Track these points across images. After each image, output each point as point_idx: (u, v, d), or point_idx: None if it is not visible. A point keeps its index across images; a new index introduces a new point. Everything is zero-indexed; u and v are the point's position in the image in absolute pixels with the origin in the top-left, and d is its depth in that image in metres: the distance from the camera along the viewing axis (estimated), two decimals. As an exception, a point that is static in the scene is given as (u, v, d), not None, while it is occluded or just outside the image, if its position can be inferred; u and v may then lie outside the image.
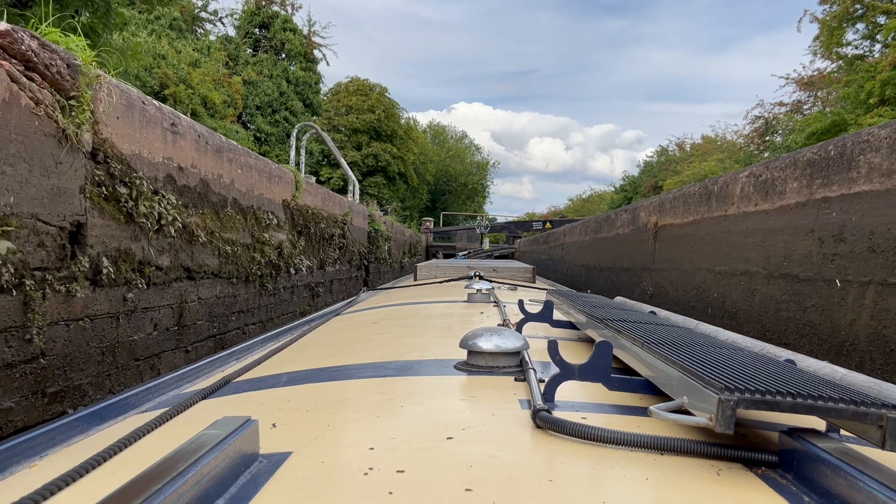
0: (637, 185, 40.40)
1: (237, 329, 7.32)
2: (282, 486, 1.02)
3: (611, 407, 1.56)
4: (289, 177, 9.24)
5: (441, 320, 3.42)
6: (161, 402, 2.12)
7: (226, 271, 6.70)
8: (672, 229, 8.47)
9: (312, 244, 10.74)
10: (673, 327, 2.28)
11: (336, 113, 37.30)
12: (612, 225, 11.94)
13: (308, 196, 10.23)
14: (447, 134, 58.99)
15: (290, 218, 9.14)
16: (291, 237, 9.27)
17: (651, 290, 9.21)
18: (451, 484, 1.01)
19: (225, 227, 6.54)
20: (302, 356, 2.57)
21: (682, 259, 8.01)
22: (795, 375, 1.33)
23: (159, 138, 5.21)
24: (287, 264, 8.94)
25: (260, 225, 7.71)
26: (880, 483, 0.91)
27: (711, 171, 25.20)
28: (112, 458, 1.10)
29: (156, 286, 5.23)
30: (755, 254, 6.05)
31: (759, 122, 27.73)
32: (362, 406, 1.65)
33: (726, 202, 6.84)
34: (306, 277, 10.39)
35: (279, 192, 8.69)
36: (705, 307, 7.25)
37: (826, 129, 16.96)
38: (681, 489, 1.04)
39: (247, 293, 7.53)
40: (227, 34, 31.33)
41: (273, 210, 8.33)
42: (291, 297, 9.65)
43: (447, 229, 39.90)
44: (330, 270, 12.26)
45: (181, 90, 20.91)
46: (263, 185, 8.00)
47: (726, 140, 33.78)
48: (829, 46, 20.51)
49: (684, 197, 8.21)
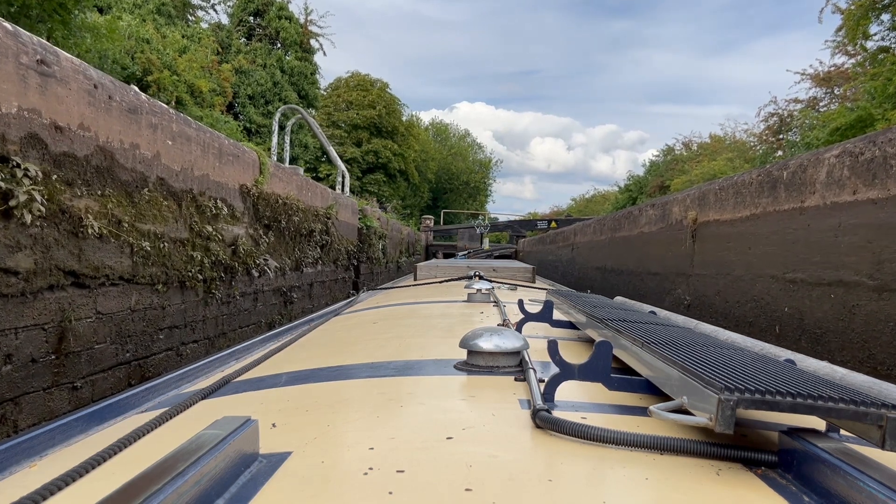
0: (642, 185, 40.04)
1: (168, 350, 5.71)
2: (282, 486, 1.02)
3: (611, 407, 1.56)
4: (249, 157, 7.62)
5: (441, 320, 3.41)
6: (161, 402, 2.10)
7: (146, 275, 5.09)
8: (718, 226, 7.04)
9: (285, 241, 9.15)
10: (673, 327, 2.29)
11: (336, 108, 36.91)
12: (634, 222, 10.45)
13: (278, 183, 8.63)
14: (449, 132, 58.79)
15: (251, 208, 7.52)
16: (254, 231, 7.66)
17: (688, 300, 7.67)
18: (451, 484, 1.01)
19: (143, 215, 4.95)
20: (302, 356, 2.57)
21: (734, 263, 6.57)
22: (795, 375, 1.33)
23: (12, 78, 3.60)
24: (246, 265, 7.33)
25: (204, 215, 6.11)
26: (880, 483, 0.91)
27: (721, 171, 24.82)
28: (112, 458, 1.09)
29: (4, 299, 3.65)
30: (855, 258, 4.66)
31: (774, 120, 26.94)
32: (362, 406, 1.65)
33: (802, 191, 5.36)
34: (276, 280, 8.79)
35: (234, 175, 7.08)
36: (770, 324, 5.76)
37: (851, 125, 16.04)
38: (681, 489, 1.04)
39: (183, 303, 5.92)
40: (220, 22, 30.77)
41: (225, 197, 6.72)
42: (254, 304, 8.07)
43: (448, 228, 39.53)
44: (309, 272, 10.67)
45: (165, 76, 19.92)
46: (209, 164, 6.40)
47: (736, 139, 33.35)
48: (854, 37, 19.42)
49: (736, 187, 6.67)
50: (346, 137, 35.82)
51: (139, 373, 5.13)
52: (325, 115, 36.11)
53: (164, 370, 5.42)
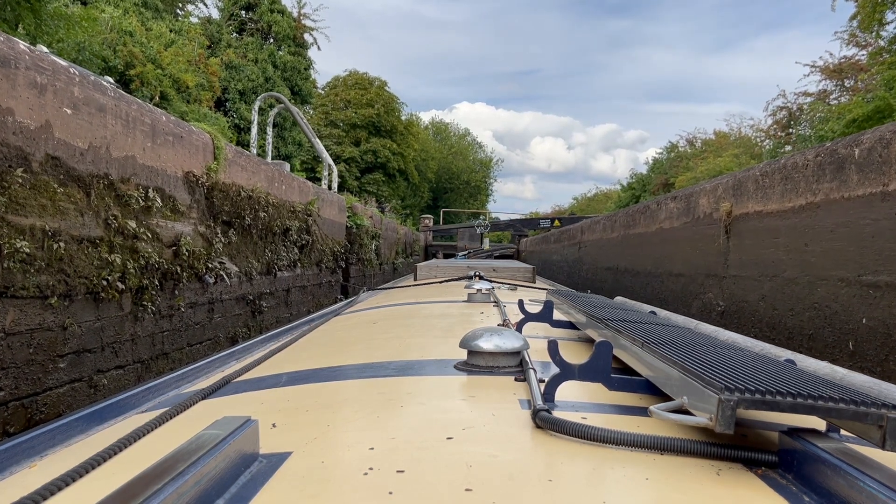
0: (646, 183, 39.50)
1: (75, 381, 4.44)
2: (282, 486, 1.02)
3: (611, 407, 1.55)
4: (199, 139, 6.33)
5: (441, 320, 3.38)
6: (161, 402, 2.09)
7: (28, 285, 3.86)
8: (761, 219, 5.99)
9: (251, 241, 7.95)
10: (673, 327, 2.28)
11: (334, 107, 36.27)
12: (652, 217, 9.26)
13: (240, 172, 7.39)
14: (450, 131, 58.48)
15: (201, 200, 6.29)
16: (206, 229, 6.44)
17: (722, 305, 6.49)
18: (451, 484, 1.01)
19: (21, 205, 3.73)
20: (302, 356, 2.55)
21: (784, 262, 5.47)
22: (795, 375, 1.32)
23: None
24: (195, 269, 6.13)
25: (128, 208, 4.89)
26: (880, 483, 0.91)
27: (727, 168, 24.37)
28: (112, 458, 1.09)
29: None
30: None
31: (782, 114, 26.36)
32: (362, 406, 1.64)
33: (885, 171, 4.20)
34: (239, 287, 7.57)
35: (176, 160, 5.85)
36: (840, 338, 4.71)
37: (868, 116, 15.59)
38: (681, 489, 1.03)
39: (98, 320, 4.68)
40: (210, 16, 30.06)
41: (162, 186, 5.50)
42: (209, 316, 6.82)
43: (448, 227, 39.00)
44: (285, 276, 9.47)
45: (149, 70, 19.17)
46: (137, 143, 5.14)
47: (742, 135, 32.88)
48: (869, 25, 19.02)
49: (784, 171, 5.50)
50: (344, 137, 35.22)
51: (24, 415, 3.90)
52: (322, 115, 35.57)
53: (68, 409, 4.23)
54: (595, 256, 13.52)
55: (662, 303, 7.91)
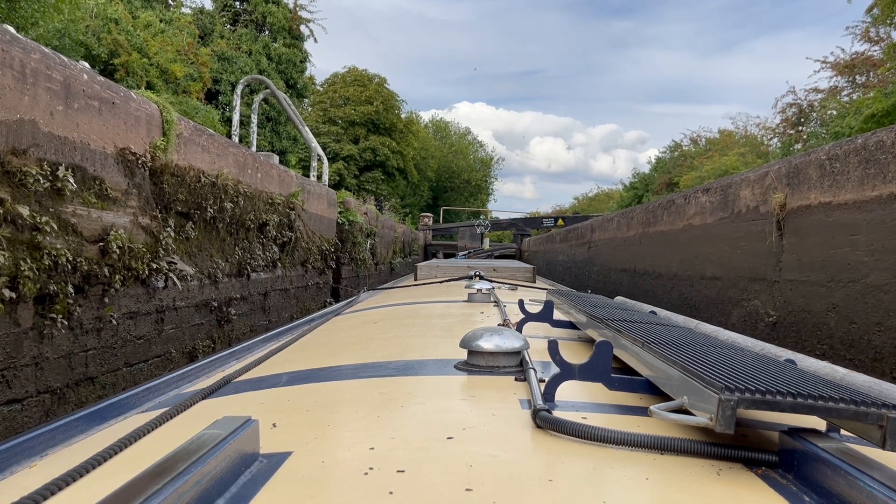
0: (648, 183, 39.16)
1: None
2: (282, 486, 1.02)
3: (611, 407, 1.55)
4: (141, 109, 5.21)
5: (441, 320, 3.38)
6: (161, 401, 2.08)
7: None
8: (829, 213, 5.14)
9: (216, 237, 6.83)
10: (673, 327, 2.27)
11: (332, 104, 35.77)
12: (678, 213, 8.13)
13: (197, 153, 6.20)
14: (450, 129, 57.91)
15: (143, 185, 5.14)
16: (151, 221, 5.31)
17: (773, 316, 5.42)
18: (452, 484, 1.00)
19: None
20: (302, 356, 2.55)
21: (865, 265, 4.53)
22: (796, 375, 1.32)
23: None
24: (134, 270, 5.01)
25: (22, 189, 3.75)
26: (880, 483, 0.90)
27: (733, 167, 23.83)
28: (112, 458, 1.09)
29: None
30: None
31: (792, 111, 25.58)
32: (362, 406, 1.64)
33: None
34: (199, 292, 6.45)
35: (106, 133, 4.73)
36: None
37: (888, 111, 15.11)
38: (681, 489, 1.03)
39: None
40: (203, 6, 29.39)
41: (84, 164, 4.36)
42: (158, 328, 5.67)
43: (448, 226, 38.56)
44: (261, 277, 8.34)
45: (135, 59, 18.33)
46: (40, 105, 4.01)
47: (748, 133, 32.42)
48: (888, 16, 18.48)
49: (862, 153, 4.45)
50: (342, 134, 34.70)
51: None
52: (320, 112, 35.09)
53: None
54: (608, 257, 12.39)
55: (694, 310, 6.80)
